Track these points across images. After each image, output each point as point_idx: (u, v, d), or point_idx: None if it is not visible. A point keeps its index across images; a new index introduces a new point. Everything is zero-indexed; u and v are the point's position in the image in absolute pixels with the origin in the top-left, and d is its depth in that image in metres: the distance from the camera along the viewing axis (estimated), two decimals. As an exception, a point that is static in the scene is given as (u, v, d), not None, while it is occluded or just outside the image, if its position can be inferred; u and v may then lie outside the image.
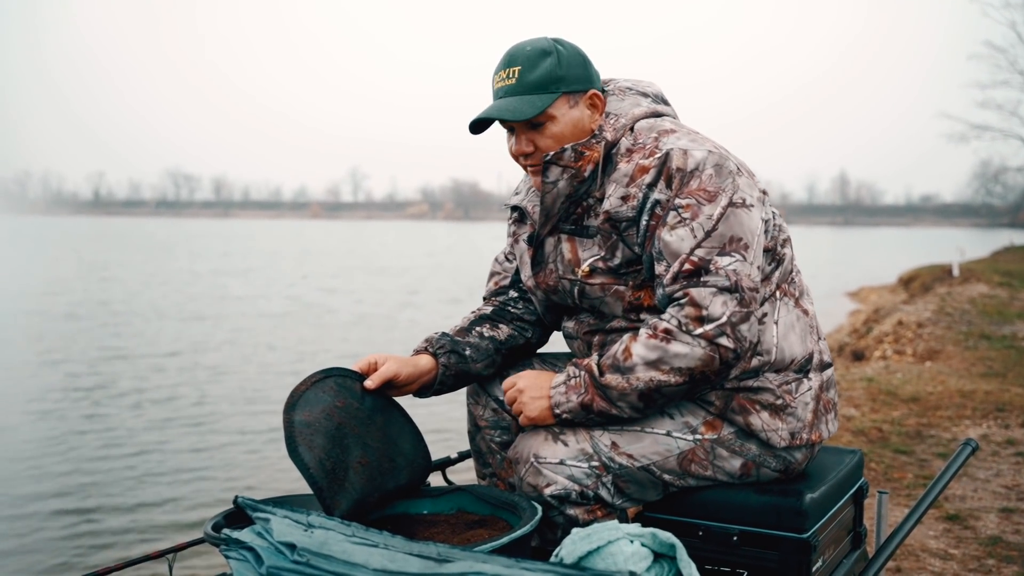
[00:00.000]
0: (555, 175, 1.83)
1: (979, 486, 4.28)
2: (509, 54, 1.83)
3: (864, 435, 5.22)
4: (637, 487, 1.80)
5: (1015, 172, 44.87)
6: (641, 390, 1.69)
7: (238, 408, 8.60)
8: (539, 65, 1.78)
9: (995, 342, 9.26)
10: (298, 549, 1.31)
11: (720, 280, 1.67)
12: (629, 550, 1.38)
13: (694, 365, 1.67)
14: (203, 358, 11.41)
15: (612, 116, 1.85)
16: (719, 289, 1.67)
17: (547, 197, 1.86)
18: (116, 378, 10.02)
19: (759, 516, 1.78)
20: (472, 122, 1.83)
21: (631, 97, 1.89)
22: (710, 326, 1.65)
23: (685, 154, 1.73)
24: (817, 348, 1.89)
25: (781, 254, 1.86)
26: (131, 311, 16.54)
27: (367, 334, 13.97)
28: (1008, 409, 5.93)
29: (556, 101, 1.79)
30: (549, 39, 1.83)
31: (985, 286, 15.64)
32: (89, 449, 7.07)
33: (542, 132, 1.82)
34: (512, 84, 1.80)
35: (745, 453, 1.81)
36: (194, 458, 6.85)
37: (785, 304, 1.84)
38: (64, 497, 5.91)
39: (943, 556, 3.39)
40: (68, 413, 8.28)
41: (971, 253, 27.18)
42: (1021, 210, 78.52)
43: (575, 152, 1.81)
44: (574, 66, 1.81)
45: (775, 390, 1.79)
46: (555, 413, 1.77)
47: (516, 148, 1.85)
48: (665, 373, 1.68)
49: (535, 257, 1.97)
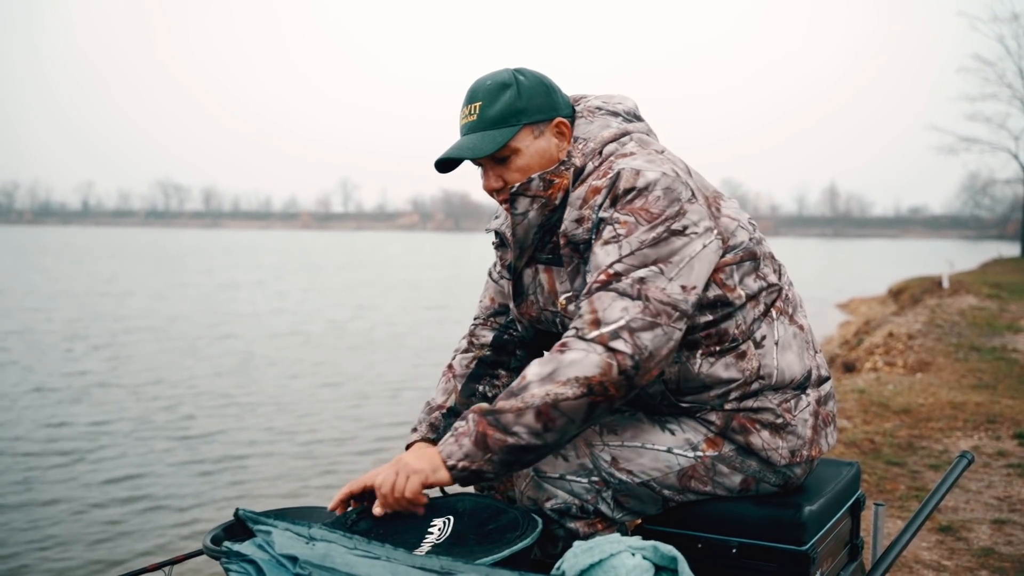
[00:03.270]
0: (524, 206, 1.81)
1: (971, 497, 4.30)
2: (471, 90, 1.81)
3: (856, 446, 5.24)
4: (637, 501, 1.80)
5: (1003, 184, 45.30)
6: (537, 407, 1.55)
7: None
8: (499, 99, 1.76)
9: (985, 354, 9.30)
10: (300, 562, 1.31)
11: (624, 287, 1.60)
12: (631, 563, 1.39)
13: (590, 373, 1.55)
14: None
15: (580, 140, 1.82)
16: (621, 295, 1.60)
17: (519, 229, 1.84)
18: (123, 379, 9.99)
19: (758, 529, 1.78)
20: (437, 161, 1.82)
21: (600, 118, 1.85)
22: (605, 329, 1.57)
23: (637, 174, 1.68)
24: (815, 363, 1.88)
25: (764, 272, 1.82)
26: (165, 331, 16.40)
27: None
28: (999, 420, 5.96)
29: (518, 133, 1.77)
30: (510, 71, 1.80)
31: (974, 298, 15.73)
32: (89, 455, 7.05)
33: (508, 166, 1.80)
34: (474, 120, 1.78)
35: (745, 470, 1.80)
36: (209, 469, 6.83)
37: (781, 323, 1.82)
38: (62, 504, 5.90)
39: (937, 567, 3.40)
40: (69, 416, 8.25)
41: (960, 265, 27.34)
42: (1009, 222, 78.95)
43: (543, 181, 1.79)
44: (536, 96, 1.79)
45: (775, 409, 1.79)
46: (448, 465, 1.59)
47: (485, 184, 1.84)
48: (560, 385, 1.55)
49: (516, 288, 1.95)
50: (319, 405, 9.42)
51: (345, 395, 10.06)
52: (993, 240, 75.60)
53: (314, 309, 20.10)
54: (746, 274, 1.78)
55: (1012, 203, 61.70)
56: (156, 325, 16.08)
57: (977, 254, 42.77)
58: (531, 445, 1.57)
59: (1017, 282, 20.62)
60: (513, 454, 1.57)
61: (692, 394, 1.79)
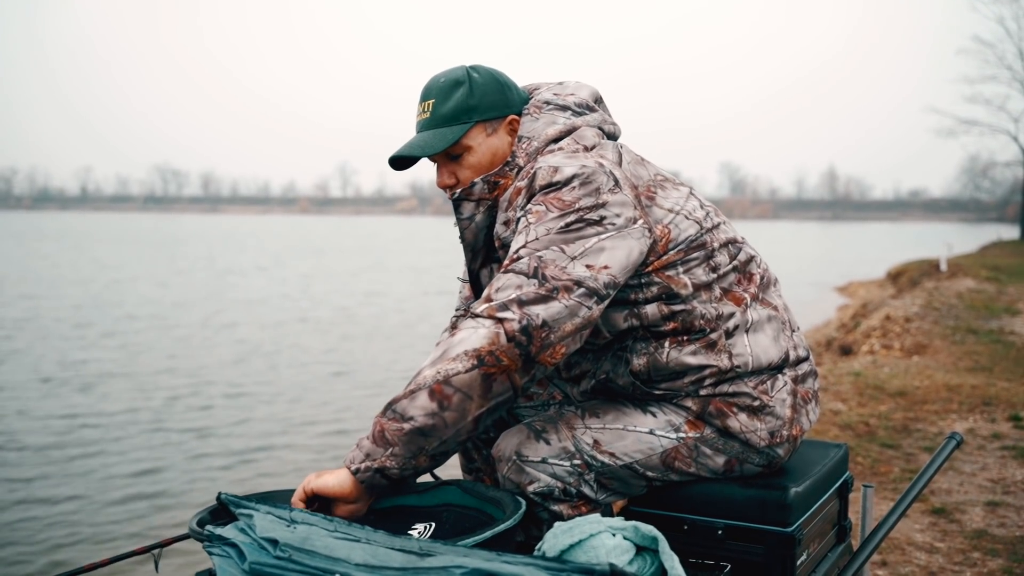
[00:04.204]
0: (469, 210, 1.81)
1: (965, 480, 4.31)
2: (426, 87, 1.81)
3: (851, 429, 5.25)
4: (620, 483, 1.79)
5: (1003, 167, 45.21)
6: (430, 386, 1.51)
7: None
8: (451, 96, 1.77)
9: (982, 336, 9.31)
10: (280, 545, 1.30)
11: (522, 266, 1.59)
12: (611, 543, 1.38)
13: (479, 345, 1.52)
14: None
15: (524, 140, 1.81)
16: (517, 273, 1.58)
17: (467, 233, 1.84)
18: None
19: (744, 510, 1.78)
20: (390, 159, 1.82)
21: (546, 115, 1.83)
22: (494, 303, 1.56)
23: (554, 171, 1.67)
24: (791, 343, 1.86)
25: (716, 262, 1.78)
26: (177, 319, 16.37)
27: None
28: (994, 403, 5.97)
29: (471, 131, 1.78)
30: (464, 68, 1.81)
31: (972, 281, 15.73)
32: (74, 445, 7.06)
33: (461, 163, 1.80)
34: (427, 118, 1.79)
35: (728, 451, 1.80)
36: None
37: (753, 308, 1.80)
38: (54, 489, 5.91)
39: (929, 549, 3.41)
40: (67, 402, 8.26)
41: (959, 248, 27.34)
42: (1009, 205, 78.93)
43: (487, 184, 1.79)
44: (488, 93, 1.79)
45: (751, 392, 1.78)
46: (352, 470, 1.55)
47: (439, 180, 1.84)
48: (450, 361, 1.52)
49: (474, 289, 1.95)
50: (335, 394, 9.28)
51: (360, 383, 9.94)
52: (993, 223, 75.58)
53: (321, 295, 19.88)
54: (696, 264, 1.76)
55: (1012, 186, 61.61)
56: (162, 312, 15.87)
57: (977, 237, 42.77)
58: (429, 426, 1.52)
59: (1016, 265, 20.63)
60: (414, 441, 1.52)
61: (665, 381, 1.79)
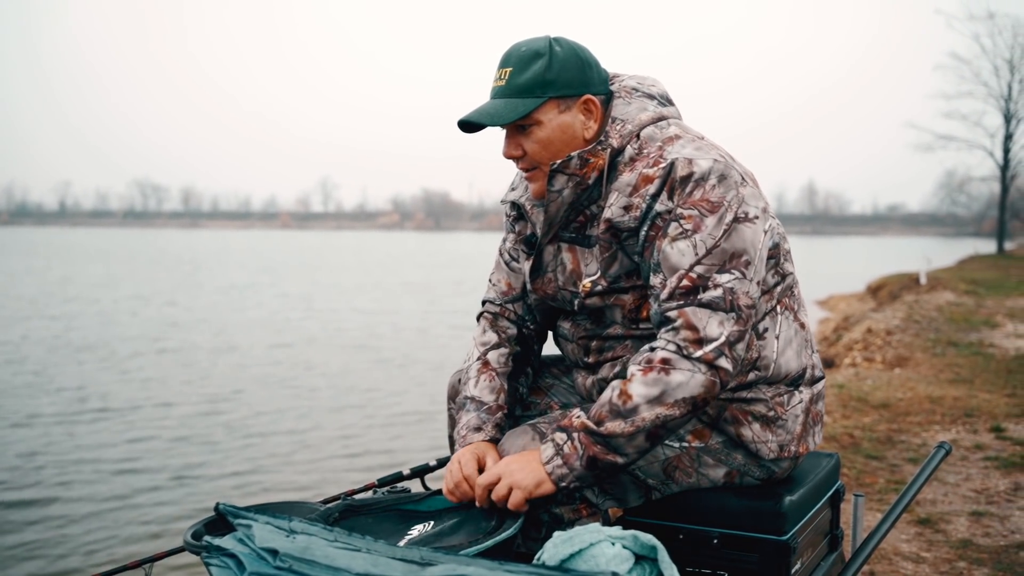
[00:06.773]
0: (561, 183, 1.79)
1: (949, 490, 4.34)
2: (506, 53, 1.79)
3: (836, 441, 5.27)
4: (620, 489, 1.80)
5: (979, 182, 45.66)
6: (648, 430, 1.61)
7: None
8: (529, 68, 1.74)
9: (962, 348, 9.39)
10: (280, 555, 1.30)
11: (717, 299, 1.63)
12: (611, 552, 1.39)
13: (697, 393, 1.61)
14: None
15: (618, 122, 1.79)
16: (715, 309, 1.63)
17: (551, 206, 1.82)
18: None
19: (739, 519, 1.79)
20: (460, 122, 1.79)
21: (637, 100, 1.82)
22: (709, 347, 1.61)
23: (690, 163, 1.68)
24: (811, 362, 1.88)
25: (784, 268, 1.83)
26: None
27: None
28: (976, 414, 6.02)
29: (543, 105, 1.74)
30: (548, 39, 1.77)
31: (952, 294, 15.88)
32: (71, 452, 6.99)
33: (528, 136, 1.78)
34: (502, 86, 1.76)
35: (731, 462, 1.80)
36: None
37: (786, 318, 1.82)
38: (43, 504, 5.86)
39: (915, 559, 3.43)
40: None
41: (937, 262, 27.57)
42: (985, 219, 79.79)
43: (581, 160, 1.76)
44: (567, 69, 1.75)
45: (768, 401, 1.79)
46: (560, 487, 1.65)
47: (505, 150, 1.82)
48: (669, 407, 1.61)
49: (535, 263, 1.93)
50: (344, 418, 8.67)
51: (374, 408, 9.54)
52: (970, 237, 76.21)
53: (325, 312, 19.49)
54: (770, 267, 1.79)
55: (988, 200, 62.39)
56: (161, 334, 15.28)
57: (954, 251, 43.14)
58: (634, 461, 1.67)
59: (993, 278, 20.83)
60: (618, 470, 1.67)
61: None
